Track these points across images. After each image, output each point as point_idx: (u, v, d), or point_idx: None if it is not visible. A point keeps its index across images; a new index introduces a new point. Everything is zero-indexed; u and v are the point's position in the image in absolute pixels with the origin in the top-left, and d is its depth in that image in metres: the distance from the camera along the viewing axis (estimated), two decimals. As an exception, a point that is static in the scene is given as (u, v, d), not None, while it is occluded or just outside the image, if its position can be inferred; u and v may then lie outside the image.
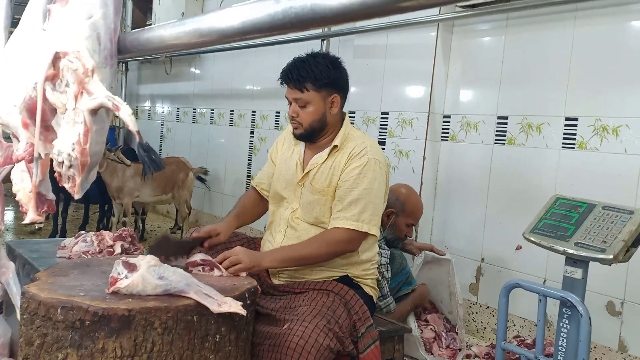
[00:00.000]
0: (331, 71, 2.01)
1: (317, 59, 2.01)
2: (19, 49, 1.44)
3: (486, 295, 3.30)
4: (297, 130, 2.05)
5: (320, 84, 1.99)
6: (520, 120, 3.14)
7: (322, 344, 1.70)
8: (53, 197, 1.41)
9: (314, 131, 2.04)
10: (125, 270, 1.48)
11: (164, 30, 1.10)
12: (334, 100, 2.03)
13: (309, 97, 1.99)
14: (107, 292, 1.47)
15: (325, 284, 1.98)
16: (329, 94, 2.02)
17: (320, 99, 2.00)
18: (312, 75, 1.98)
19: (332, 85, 2.02)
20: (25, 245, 2.61)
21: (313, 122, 2.02)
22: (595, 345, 2.75)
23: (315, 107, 2.00)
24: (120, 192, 4.68)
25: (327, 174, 2.02)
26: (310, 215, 2.04)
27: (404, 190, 2.89)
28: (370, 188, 1.96)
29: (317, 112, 2.01)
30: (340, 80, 2.05)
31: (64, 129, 1.11)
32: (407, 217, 2.82)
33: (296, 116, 2.03)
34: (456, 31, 3.47)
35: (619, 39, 2.77)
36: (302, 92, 1.99)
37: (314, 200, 2.03)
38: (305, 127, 2.03)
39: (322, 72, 1.99)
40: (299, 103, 2.01)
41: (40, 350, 1.41)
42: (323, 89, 2.00)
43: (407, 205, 2.82)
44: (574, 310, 1.79)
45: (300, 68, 1.99)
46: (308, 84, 1.98)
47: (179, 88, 6.51)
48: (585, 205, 2.00)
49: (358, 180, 1.96)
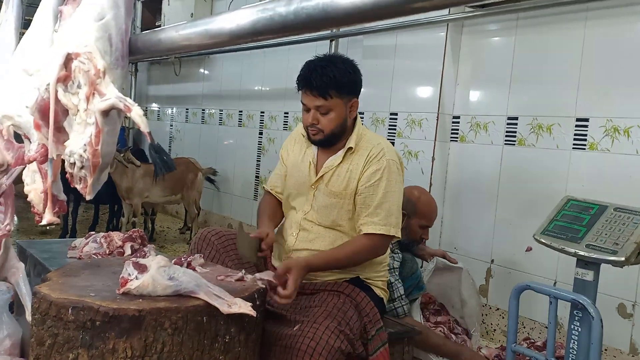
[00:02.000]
0: (352, 76, 1.97)
1: (337, 64, 1.95)
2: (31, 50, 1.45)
3: (496, 297, 3.28)
4: (317, 136, 1.99)
5: (344, 91, 1.95)
6: (530, 120, 3.12)
7: (333, 345, 1.70)
8: (64, 198, 1.42)
9: (334, 136, 2.00)
10: (135, 271, 1.49)
11: (175, 31, 1.10)
12: (354, 105, 2.00)
13: (332, 103, 1.93)
14: (118, 293, 1.47)
15: (336, 286, 1.97)
16: (350, 99, 1.99)
17: (342, 105, 1.96)
18: (335, 82, 1.91)
19: (353, 90, 1.99)
20: (36, 246, 2.62)
21: (335, 128, 1.97)
22: (607, 348, 2.72)
23: (337, 113, 1.95)
24: (130, 192, 4.71)
25: (343, 176, 2.00)
26: (327, 218, 2.02)
27: (416, 192, 2.86)
28: (392, 191, 1.96)
29: (339, 117, 1.96)
30: (359, 84, 2.03)
31: (75, 130, 1.12)
32: (420, 218, 2.78)
33: (317, 123, 1.96)
34: (466, 31, 3.46)
35: (629, 39, 2.74)
36: (326, 100, 1.92)
37: (331, 204, 2.00)
38: (326, 133, 1.97)
39: (344, 77, 1.94)
40: (322, 110, 1.95)
41: (51, 350, 1.41)
42: (345, 95, 1.96)
43: (419, 207, 2.78)
44: (585, 312, 1.78)
45: (322, 74, 1.91)
46: (332, 91, 1.92)
47: (188, 89, 6.54)
48: (597, 207, 1.98)
49: (380, 183, 1.95)
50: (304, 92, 1.97)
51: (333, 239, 2.01)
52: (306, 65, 1.98)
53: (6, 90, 1.47)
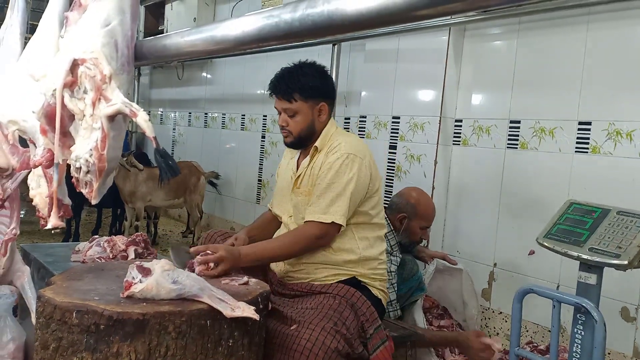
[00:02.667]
0: (318, 80, 2.08)
1: (304, 69, 2.09)
2: (37, 56, 1.46)
3: (499, 301, 3.28)
4: (288, 138, 2.13)
5: (307, 94, 2.06)
6: (532, 124, 3.12)
7: (330, 346, 1.72)
8: (69, 202, 1.43)
9: (302, 139, 2.11)
10: (139, 274, 1.49)
11: (181, 37, 1.11)
12: (322, 109, 2.10)
13: (297, 106, 2.06)
14: (122, 297, 1.48)
15: (332, 287, 1.99)
16: (317, 102, 2.08)
17: (308, 108, 2.07)
18: (300, 86, 2.04)
19: (319, 94, 2.09)
20: (40, 249, 2.63)
21: (301, 131, 2.09)
22: (610, 352, 2.72)
23: (303, 116, 2.07)
24: (133, 196, 4.72)
25: (309, 175, 2.09)
26: (299, 216, 2.11)
27: (414, 194, 2.88)
28: (338, 182, 1.99)
29: (305, 120, 2.08)
30: (327, 89, 2.13)
31: (81, 135, 1.12)
32: (419, 219, 2.80)
33: (286, 125, 2.10)
34: (468, 35, 3.47)
35: (632, 42, 2.75)
36: (291, 103, 2.06)
37: (299, 202, 2.10)
38: (294, 135, 2.10)
39: (309, 82, 2.06)
40: (288, 113, 2.08)
41: (56, 354, 1.42)
42: (310, 99, 2.07)
43: (418, 208, 2.80)
44: (589, 316, 1.78)
45: (288, 79, 2.06)
46: (296, 94, 2.05)
47: (190, 93, 6.55)
48: (600, 211, 1.98)
49: (327, 174, 2.01)
50: (274, 96, 2.12)
51: None
52: (277, 73, 2.13)
53: (12, 95, 1.48)
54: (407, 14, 0.69)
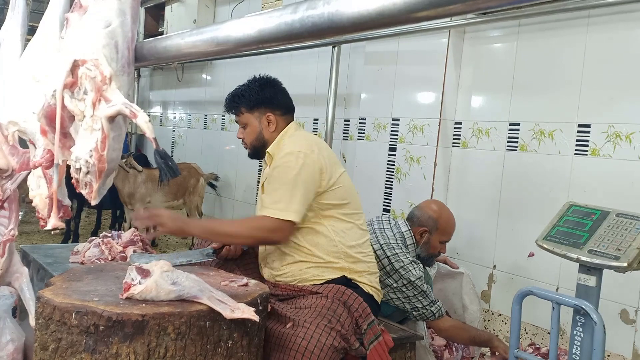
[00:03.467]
0: (259, 92, 2.17)
1: (250, 84, 2.22)
2: (37, 57, 1.47)
3: (498, 303, 3.28)
4: (247, 149, 2.26)
5: (250, 105, 2.17)
6: (532, 126, 3.13)
7: (325, 343, 1.74)
8: (69, 203, 1.43)
9: (255, 149, 2.21)
10: (139, 276, 1.49)
11: (181, 38, 1.11)
12: (270, 119, 2.17)
13: (245, 119, 2.19)
14: (121, 298, 1.48)
15: (322, 288, 2.01)
16: (262, 113, 2.17)
17: (254, 119, 2.18)
18: (243, 100, 2.18)
19: (263, 104, 2.17)
20: (40, 250, 2.63)
21: (253, 141, 2.20)
22: (609, 354, 2.72)
23: (251, 127, 2.19)
24: (132, 197, 4.72)
25: (264, 181, 2.16)
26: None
27: (435, 207, 2.79)
28: (285, 178, 2.01)
29: (254, 131, 2.19)
30: (274, 99, 2.19)
31: (81, 135, 1.12)
32: (440, 234, 2.73)
33: (242, 137, 2.22)
34: (467, 37, 3.47)
35: (631, 45, 2.75)
36: (239, 116, 2.21)
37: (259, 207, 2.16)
38: (249, 146, 2.23)
39: (251, 95, 2.17)
40: (241, 125, 2.22)
41: (55, 354, 1.42)
42: (255, 109, 2.17)
43: (440, 223, 2.73)
44: (588, 318, 1.78)
45: (235, 95, 2.21)
46: (241, 107, 2.19)
47: (190, 94, 6.56)
48: (599, 213, 1.98)
49: (273, 172, 2.08)
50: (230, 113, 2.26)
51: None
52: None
53: (12, 96, 1.48)
54: (406, 15, 0.69)
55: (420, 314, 2.50)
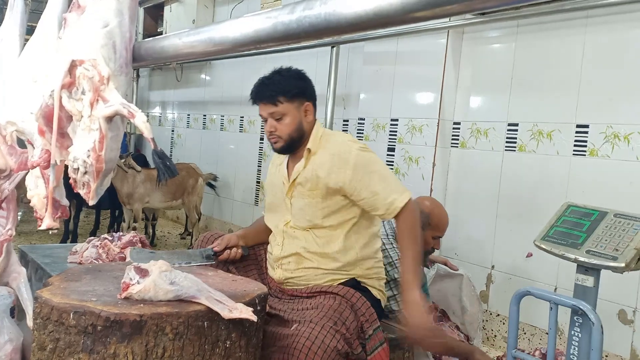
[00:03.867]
0: (298, 82, 2.10)
1: (283, 73, 2.11)
2: (35, 57, 1.47)
3: (497, 303, 3.28)
4: (278, 143, 2.10)
5: (291, 94, 2.06)
6: (530, 127, 3.13)
7: (329, 345, 1.72)
8: (67, 203, 1.43)
9: (293, 141, 2.09)
10: (137, 275, 1.49)
11: (179, 39, 1.11)
12: (308, 109, 2.11)
13: (283, 108, 2.06)
14: (120, 298, 1.47)
15: (332, 288, 1.99)
16: (301, 103, 2.09)
17: (294, 109, 2.07)
18: (282, 88, 2.05)
19: (302, 94, 2.09)
20: (38, 251, 2.63)
21: (292, 132, 2.08)
22: (607, 354, 2.72)
23: (291, 117, 2.07)
24: (131, 198, 4.72)
25: (310, 177, 2.06)
26: (303, 220, 2.07)
27: (428, 203, 2.81)
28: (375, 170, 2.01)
29: (294, 121, 2.07)
30: (309, 90, 2.14)
31: (79, 135, 1.12)
32: (433, 230, 2.74)
33: (274, 130, 2.08)
34: (466, 38, 3.48)
35: (630, 45, 2.76)
36: (277, 106, 2.05)
37: (305, 204, 2.07)
38: (285, 139, 2.08)
39: (290, 83, 2.07)
40: (275, 116, 2.07)
41: (53, 355, 1.42)
42: (295, 99, 2.08)
43: (432, 218, 2.75)
44: (586, 318, 1.78)
45: (270, 84, 2.07)
46: (280, 97, 2.05)
47: (189, 94, 6.56)
48: (597, 213, 1.98)
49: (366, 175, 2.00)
50: (258, 104, 2.11)
51: (312, 239, 2.06)
52: (257, 82, 2.13)
53: (10, 96, 1.48)
54: (403, 16, 0.69)
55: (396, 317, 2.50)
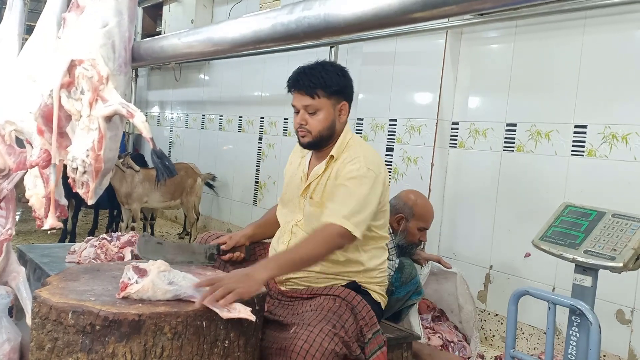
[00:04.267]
0: (341, 79, 2.01)
1: (326, 67, 2.01)
2: (34, 56, 1.47)
3: (495, 303, 3.28)
4: (305, 138, 2.02)
5: (331, 91, 1.97)
6: (529, 127, 3.13)
7: (327, 348, 1.70)
8: (65, 203, 1.43)
9: (322, 139, 2.02)
10: (135, 275, 1.49)
11: (178, 38, 1.11)
12: (343, 108, 2.03)
13: (320, 103, 1.97)
14: (118, 297, 1.48)
15: (332, 289, 1.97)
16: (338, 101, 2.01)
17: (330, 106, 1.99)
18: (323, 82, 1.96)
19: (341, 93, 2.01)
20: (36, 250, 2.63)
21: (323, 130, 2.00)
22: (605, 354, 2.73)
23: (325, 114, 1.98)
24: (129, 197, 4.71)
25: (324, 185, 2.01)
26: (310, 226, 2.02)
27: (412, 196, 2.87)
28: (359, 192, 1.91)
29: (327, 119, 1.99)
30: (349, 89, 2.05)
31: (78, 135, 1.13)
32: (417, 220, 2.78)
33: (305, 124, 2.00)
34: (465, 38, 3.48)
35: (628, 46, 2.76)
36: (313, 99, 1.96)
37: (312, 213, 2.02)
38: (314, 134, 2.00)
39: (332, 79, 1.97)
40: (309, 110, 1.98)
41: (51, 354, 1.42)
42: (333, 96, 1.99)
43: (415, 209, 2.79)
44: (584, 318, 1.78)
45: (311, 75, 1.97)
46: (319, 91, 1.96)
47: (188, 94, 6.56)
48: (595, 213, 1.99)
49: (348, 182, 1.93)
50: (294, 92, 2.01)
51: None
52: (297, 69, 2.03)
53: (9, 95, 1.48)
54: (402, 16, 0.70)
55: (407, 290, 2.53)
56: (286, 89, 2.05)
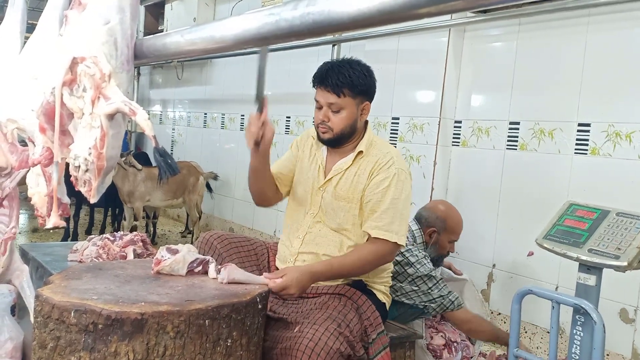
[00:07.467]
0: (367, 79, 2.02)
1: (354, 66, 2.01)
2: (36, 54, 1.46)
3: (498, 302, 3.27)
4: (326, 134, 2.02)
5: (357, 91, 1.99)
6: (532, 125, 3.12)
7: (332, 347, 1.70)
8: (68, 201, 1.42)
9: (343, 137, 2.03)
10: (168, 254, 1.72)
11: (181, 36, 1.10)
12: (365, 108, 2.05)
13: (344, 102, 1.97)
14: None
15: (338, 288, 1.98)
16: (362, 101, 2.02)
17: (354, 105, 2.00)
18: (350, 81, 1.96)
19: (366, 92, 2.03)
20: (39, 249, 2.63)
21: (345, 128, 2.01)
22: (609, 353, 2.72)
23: (348, 112, 1.99)
24: (132, 196, 4.71)
25: (351, 180, 2.02)
26: (334, 221, 2.03)
27: (442, 207, 2.79)
28: (397, 198, 1.97)
29: (350, 118, 2.00)
30: (373, 89, 2.07)
31: (80, 133, 1.12)
32: (449, 234, 2.73)
33: (327, 120, 2.00)
34: (468, 36, 3.47)
35: (632, 44, 2.75)
36: (339, 97, 1.97)
37: (338, 207, 2.02)
38: (335, 132, 2.01)
39: (359, 78, 1.98)
40: (333, 108, 1.99)
41: (54, 353, 1.41)
42: (358, 96, 2.00)
43: (448, 222, 2.73)
44: (588, 317, 1.77)
45: (338, 73, 1.97)
46: (346, 89, 1.96)
47: (190, 93, 6.55)
48: (599, 212, 1.98)
49: (388, 191, 1.97)
50: (319, 88, 2.01)
51: (339, 243, 2.02)
52: (324, 64, 2.03)
53: (11, 93, 1.48)
54: (407, 12, 0.69)
55: (439, 304, 2.48)
56: (312, 83, 2.04)
